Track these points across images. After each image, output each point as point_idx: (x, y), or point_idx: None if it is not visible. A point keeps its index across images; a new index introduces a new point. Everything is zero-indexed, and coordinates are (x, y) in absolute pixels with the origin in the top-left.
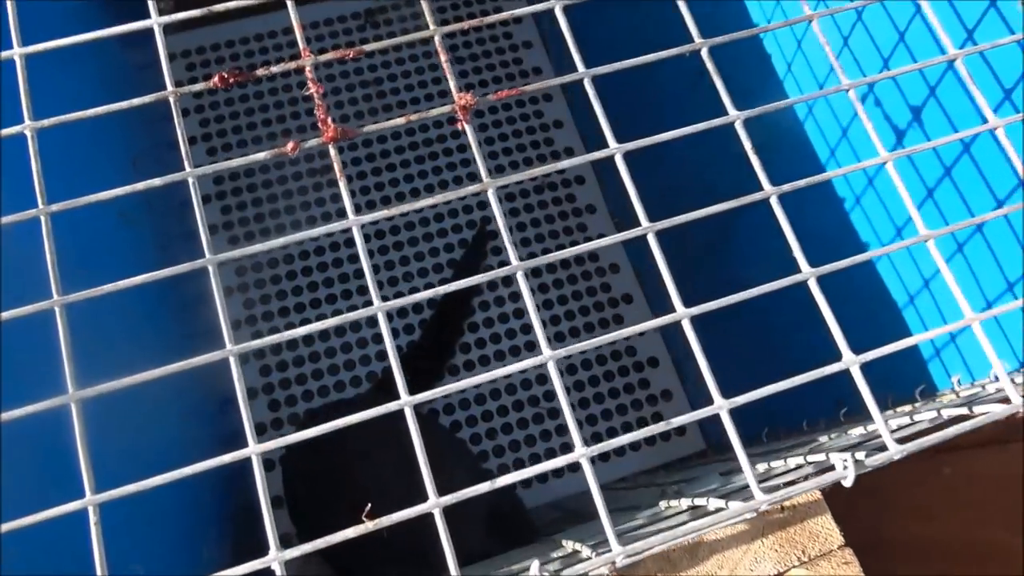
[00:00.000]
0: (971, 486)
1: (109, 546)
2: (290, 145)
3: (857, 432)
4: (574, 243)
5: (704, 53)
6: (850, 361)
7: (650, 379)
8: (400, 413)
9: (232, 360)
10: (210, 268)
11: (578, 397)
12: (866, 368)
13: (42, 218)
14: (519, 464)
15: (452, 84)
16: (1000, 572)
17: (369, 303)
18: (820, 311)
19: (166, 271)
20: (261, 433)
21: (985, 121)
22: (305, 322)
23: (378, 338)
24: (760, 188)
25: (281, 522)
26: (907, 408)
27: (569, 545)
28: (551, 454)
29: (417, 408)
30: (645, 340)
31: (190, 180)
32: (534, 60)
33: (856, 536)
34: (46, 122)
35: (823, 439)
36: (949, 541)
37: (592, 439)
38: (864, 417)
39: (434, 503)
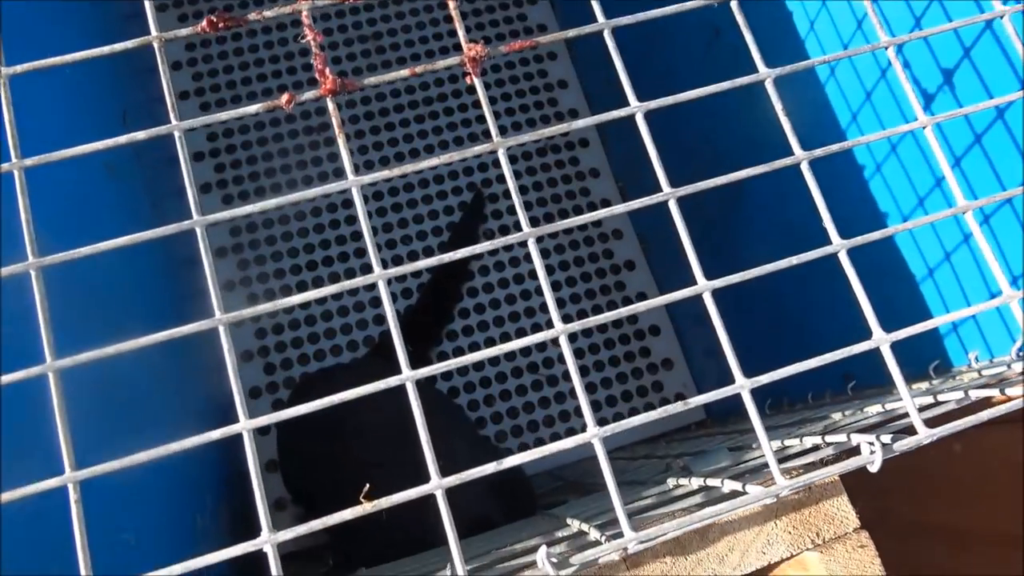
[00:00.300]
0: (982, 466)
1: (98, 515)
2: (284, 98)
3: (874, 410)
4: (577, 208)
5: (734, 4)
6: (880, 339)
7: (651, 347)
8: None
9: (222, 330)
10: (198, 230)
11: (578, 364)
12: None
13: (15, 172)
14: (517, 431)
15: (461, 33)
16: (1009, 559)
17: (367, 265)
18: (850, 285)
19: (149, 233)
20: (256, 396)
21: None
22: (301, 285)
23: (376, 302)
24: (773, 153)
25: (276, 486)
26: (923, 385)
27: (574, 524)
28: (550, 421)
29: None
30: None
31: (176, 134)
32: (539, 16)
33: (871, 514)
34: (19, 68)
35: (836, 416)
36: (957, 525)
37: (591, 407)
38: (879, 393)
39: (436, 484)
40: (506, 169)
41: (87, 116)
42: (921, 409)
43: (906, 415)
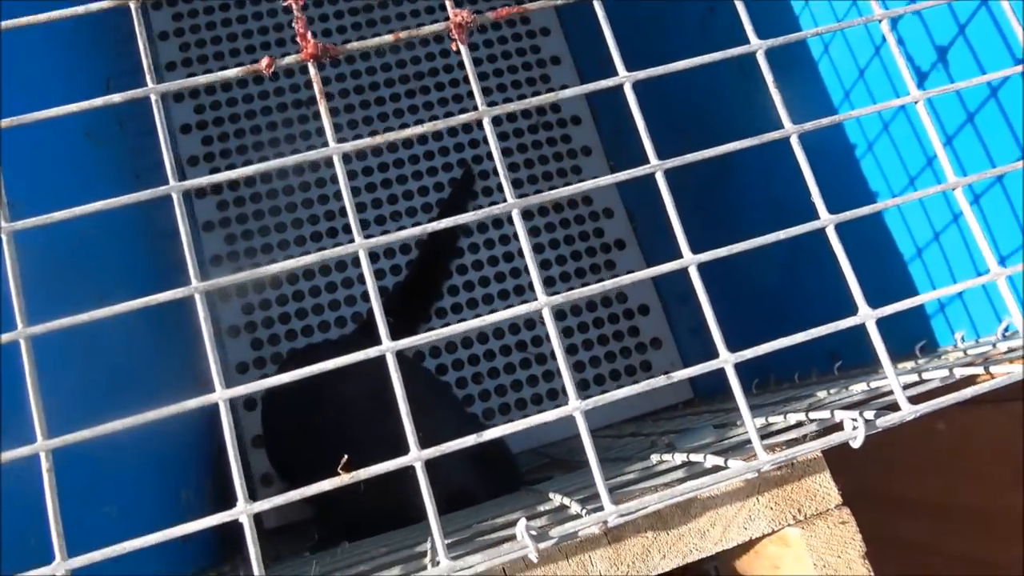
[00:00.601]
0: (964, 445)
1: (79, 487)
2: (264, 61)
3: (859, 388)
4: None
5: None
6: (866, 315)
7: (640, 327)
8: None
9: (198, 298)
10: (174, 195)
11: (567, 343)
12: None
13: None
14: (505, 409)
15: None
16: (986, 535)
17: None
18: (837, 261)
19: (125, 198)
20: (243, 372)
21: (1018, 62)
22: (289, 260)
23: (364, 278)
24: (758, 128)
25: (263, 462)
26: (909, 364)
27: (557, 499)
28: (538, 400)
29: (402, 351)
30: (636, 287)
31: (152, 97)
32: None
33: (852, 487)
34: None
35: (821, 394)
36: (937, 501)
37: (580, 386)
38: (865, 372)
39: (416, 456)
40: (491, 137)
41: (70, 85)
42: (905, 387)
43: (890, 392)
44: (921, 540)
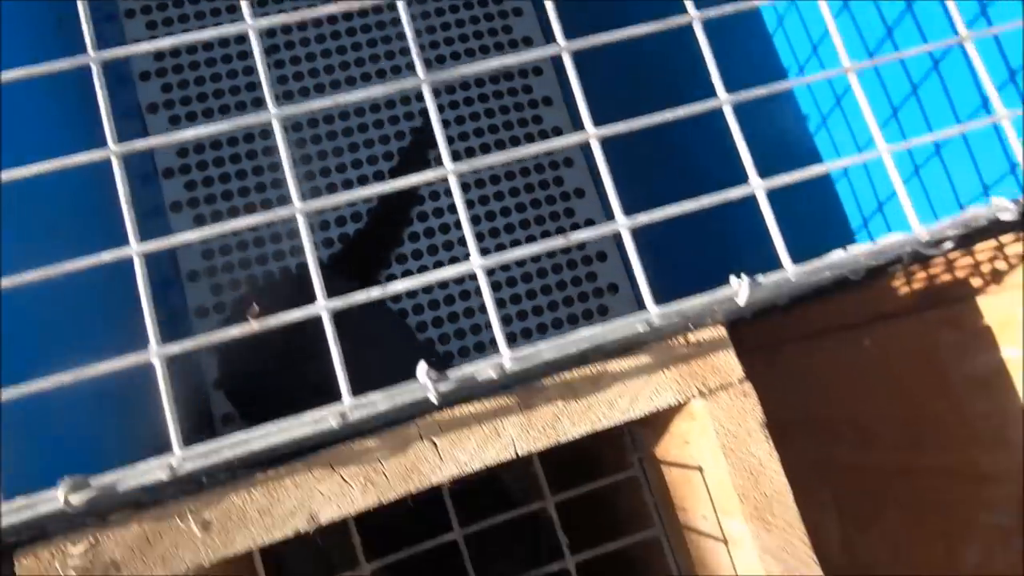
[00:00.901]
0: (888, 358)
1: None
2: None
3: None
4: (529, 135)
5: None
6: (756, 185)
7: (597, 272)
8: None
9: (114, 160)
10: (93, 67)
11: (525, 289)
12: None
13: None
14: (464, 352)
15: None
16: (913, 446)
17: (316, 188)
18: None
19: (41, 67)
20: (203, 316)
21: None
22: (250, 207)
23: (324, 225)
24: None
25: (224, 402)
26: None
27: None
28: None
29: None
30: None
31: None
32: None
33: (785, 414)
34: None
35: None
36: (868, 415)
37: (537, 330)
38: None
39: (323, 306)
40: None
41: (19, 23)
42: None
43: None
44: (851, 458)
